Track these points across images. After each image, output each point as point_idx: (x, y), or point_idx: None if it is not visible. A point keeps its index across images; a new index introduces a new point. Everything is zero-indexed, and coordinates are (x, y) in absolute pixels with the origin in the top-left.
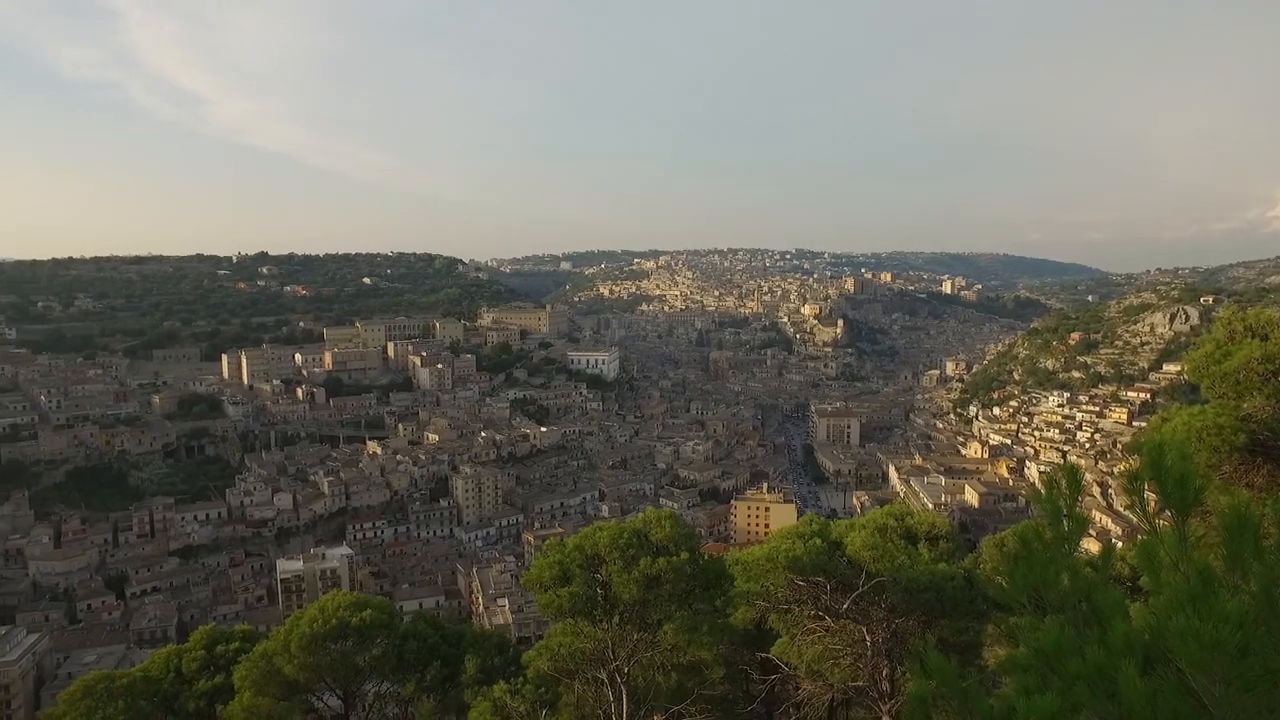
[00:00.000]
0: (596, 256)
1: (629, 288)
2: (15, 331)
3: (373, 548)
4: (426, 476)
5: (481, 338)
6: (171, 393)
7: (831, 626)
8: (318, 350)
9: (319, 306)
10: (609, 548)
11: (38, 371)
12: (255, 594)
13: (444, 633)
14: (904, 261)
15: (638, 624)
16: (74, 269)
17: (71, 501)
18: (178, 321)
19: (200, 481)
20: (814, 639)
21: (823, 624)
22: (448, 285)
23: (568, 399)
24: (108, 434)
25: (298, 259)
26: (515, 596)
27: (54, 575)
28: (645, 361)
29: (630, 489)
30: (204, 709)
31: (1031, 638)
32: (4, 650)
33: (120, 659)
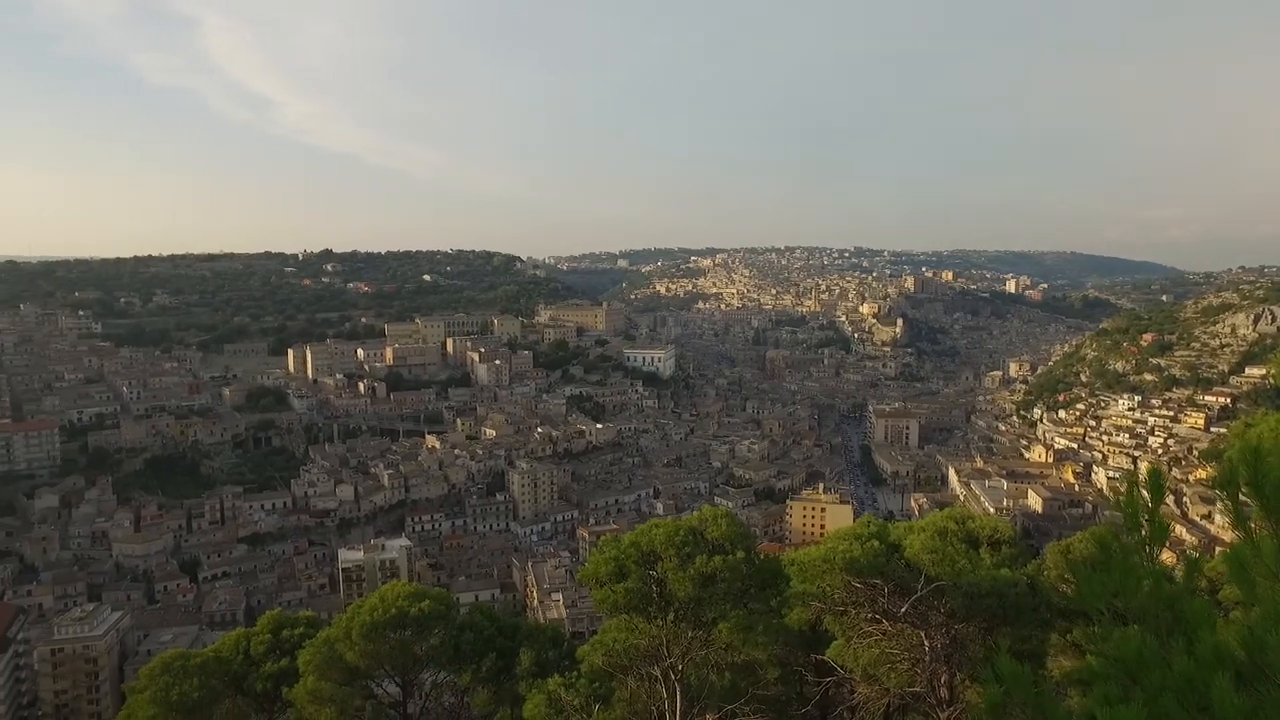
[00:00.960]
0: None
1: (685, 286)
2: (101, 326)
3: (430, 540)
4: (483, 471)
5: (539, 334)
6: (241, 386)
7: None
8: (379, 346)
9: (380, 303)
10: (665, 545)
11: (120, 364)
12: (318, 582)
13: (500, 625)
14: (966, 260)
15: (692, 622)
16: (153, 266)
17: (150, 488)
18: (247, 317)
19: (267, 472)
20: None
21: (880, 627)
22: (506, 282)
23: (623, 396)
24: (182, 424)
25: (360, 256)
26: (569, 591)
27: (134, 557)
28: (701, 360)
29: (685, 487)
30: (270, 690)
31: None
32: (93, 625)
33: (194, 639)
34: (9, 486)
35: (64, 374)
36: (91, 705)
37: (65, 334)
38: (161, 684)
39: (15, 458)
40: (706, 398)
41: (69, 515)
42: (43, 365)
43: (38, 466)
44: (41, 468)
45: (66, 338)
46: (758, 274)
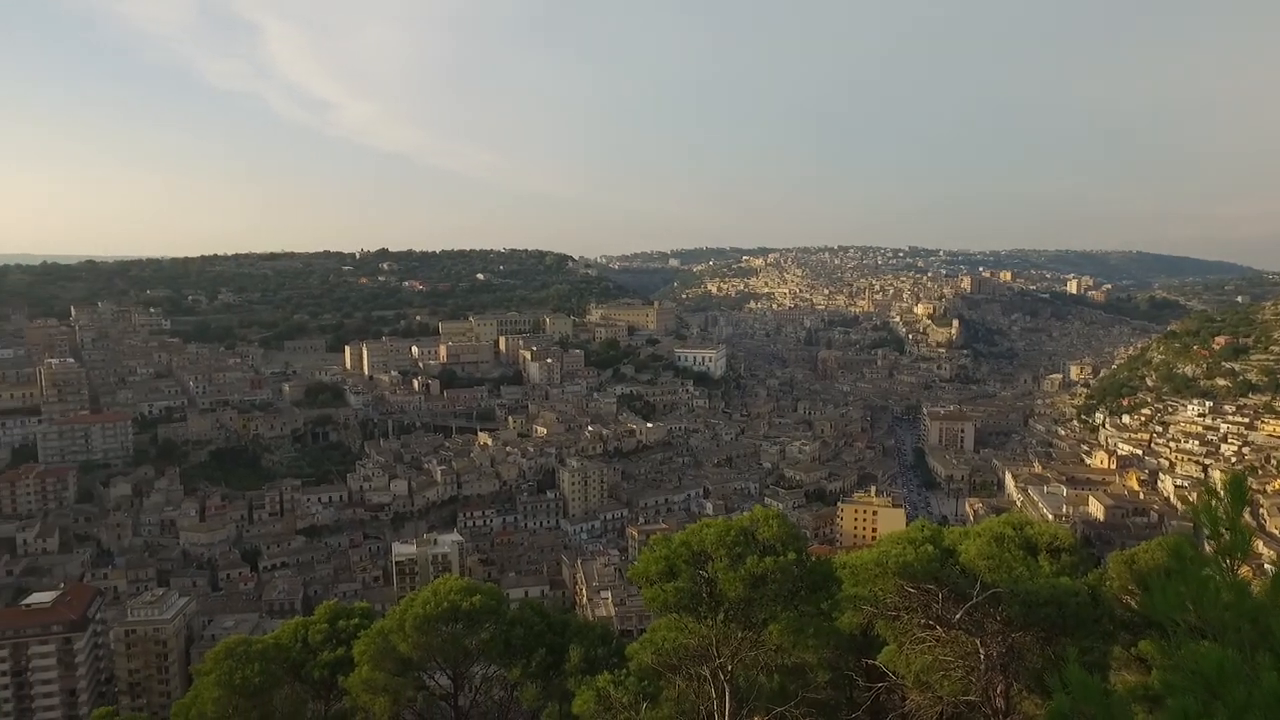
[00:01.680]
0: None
1: (737, 285)
2: (170, 323)
3: (482, 535)
4: (534, 468)
5: (590, 333)
6: (300, 381)
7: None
8: (433, 343)
9: (435, 301)
10: (716, 545)
11: (187, 359)
12: (372, 574)
13: (549, 621)
14: (1025, 260)
15: (742, 622)
16: (218, 265)
17: (214, 479)
18: (306, 314)
19: (324, 465)
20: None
21: (933, 633)
22: (558, 281)
23: (674, 396)
24: (245, 418)
25: (416, 255)
26: (618, 589)
27: (199, 546)
28: (752, 360)
29: (735, 487)
30: (327, 678)
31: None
32: (162, 610)
33: (254, 626)
34: (88, 475)
35: (136, 368)
36: (162, 685)
37: (138, 330)
38: (225, 668)
39: (93, 447)
40: (757, 398)
41: (140, 504)
42: (117, 360)
43: (113, 456)
44: (116, 457)
45: (139, 334)
46: (810, 274)
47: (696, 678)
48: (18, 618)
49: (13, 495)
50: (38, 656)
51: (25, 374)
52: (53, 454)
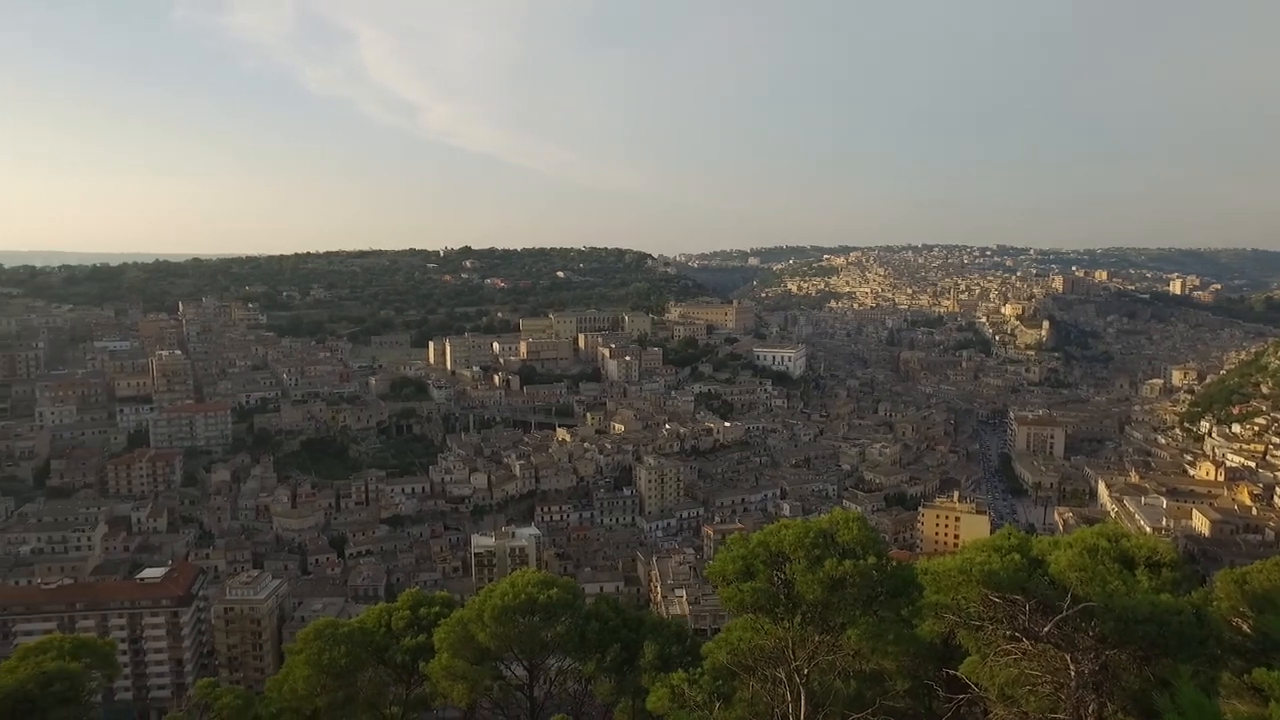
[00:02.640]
0: (785, 252)
1: (817, 284)
2: (266, 317)
3: (558, 530)
4: (611, 465)
5: (668, 331)
6: (385, 375)
7: (1029, 650)
8: (514, 340)
9: (516, 298)
10: (794, 546)
11: (281, 352)
12: (451, 564)
13: (624, 617)
14: (1124, 258)
15: (820, 625)
16: (311, 263)
17: (304, 468)
18: (392, 310)
19: (408, 458)
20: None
21: (1019, 646)
22: (637, 279)
23: (752, 395)
24: (334, 410)
25: (497, 253)
26: (693, 588)
27: (291, 531)
28: (832, 360)
29: (813, 489)
30: (408, 663)
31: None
32: (257, 590)
33: (340, 610)
34: (192, 460)
35: (235, 361)
36: (256, 660)
37: (237, 324)
38: (315, 648)
39: (197, 435)
40: (837, 398)
41: (238, 489)
42: (219, 352)
43: (214, 443)
44: (217, 445)
45: (238, 328)
46: (893, 273)
47: (771, 679)
48: (134, 590)
49: (129, 477)
50: (150, 627)
51: (139, 365)
52: (162, 440)
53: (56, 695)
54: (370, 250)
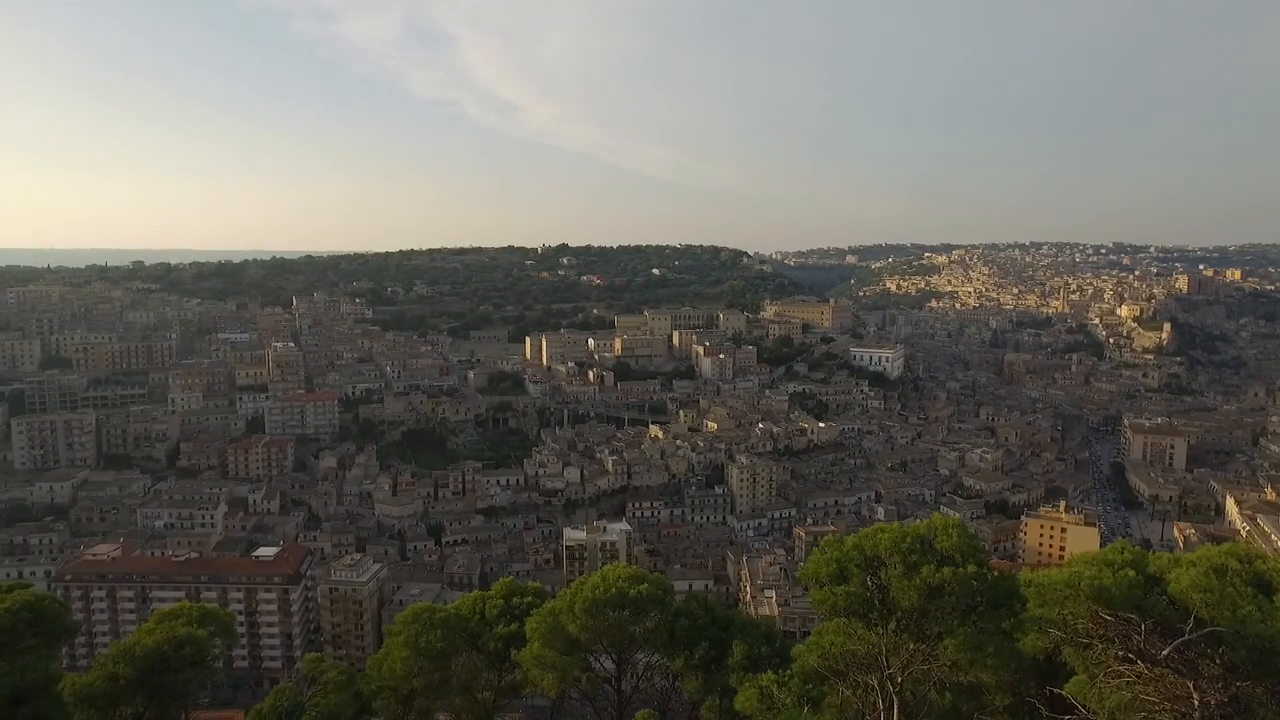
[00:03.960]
0: (884, 250)
1: (917, 283)
2: (371, 312)
3: (649, 526)
4: (703, 463)
5: (763, 330)
6: (483, 369)
7: (1144, 674)
8: (609, 336)
9: (611, 295)
10: (890, 551)
11: (385, 346)
12: (543, 556)
13: (714, 615)
14: (1261, 255)
15: (915, 633)
16: (414, 260)
17: (405, 457)
18: (490, 306)
19: (503, 450)
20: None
21: (1133, 669)
22: (732, 277)
23: (848, 395)
24: (433, 402)
25: (594, 250)
26: (783, 589)
27: (391, 518)
28: (932, 361)
29: (909, 493)
30: (500, 650)
31: None
32: (359, 572)
33: (436, 595)
34: (302, 447)
35: (343, 353)
36: (358, 639)
37: (345, 318)
38: (413, 631)
39: (307, 423)
40: (936, 401)
41: (343, 476)
42: (328, 345)
43: (322, 431)
44: (324, 433)
45: (345, 322)
46: (998, 272)
47: (863, 686)
48: (250, 567)
49: (246, 461)
50: (263, 602)
51: (257, 355)
52: (276, 427)
53: (186, 658)
54: (470, 248)
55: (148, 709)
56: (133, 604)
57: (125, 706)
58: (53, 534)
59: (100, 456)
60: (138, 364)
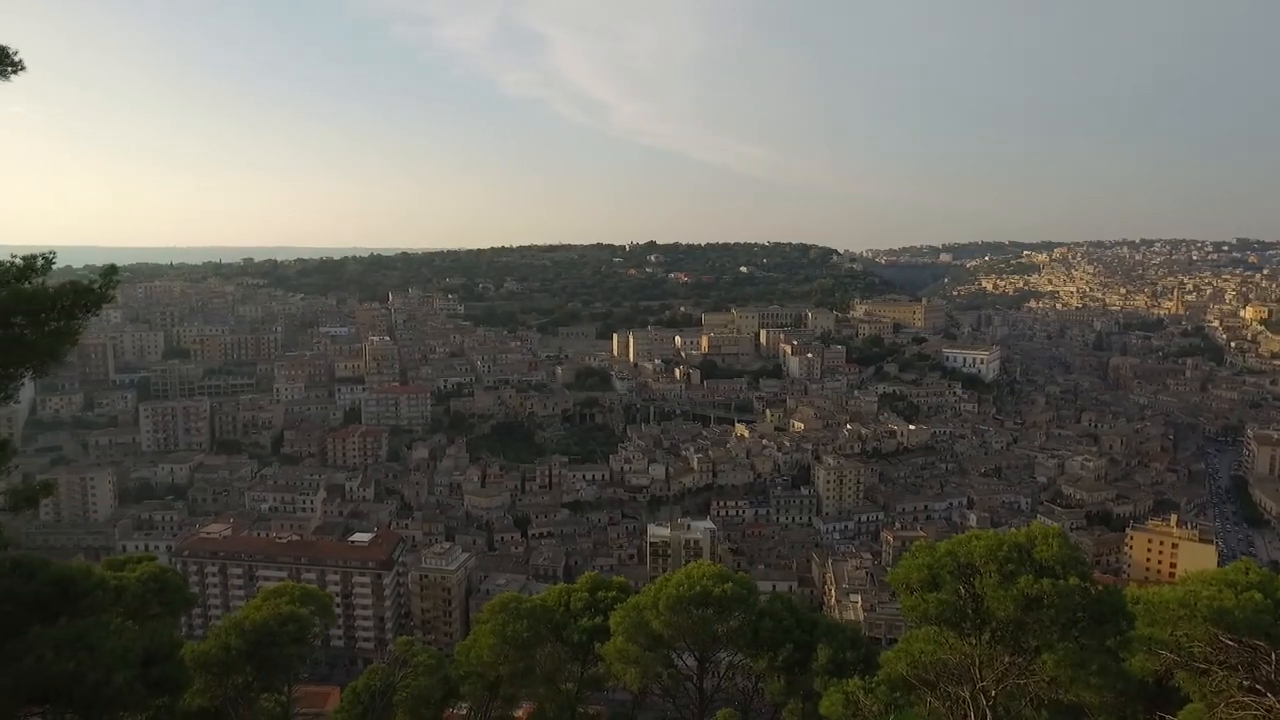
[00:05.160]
0: (980, 248)
1: (1015, 282)
2: (463, 307)
3: (733, 525)
4: (789, 463)
5: (852, 329)
6: (571, 365)
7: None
8: (696, 334)
9: (698, 293)
10: (985, 558)
11: (476, 341)
12: (627, 552)
13: (799, 617)
14: None
15: (1011, 646)
16: (504, 256)
17: (493, 450)
18: (579, 303)
19: (589, 445)
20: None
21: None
22: (821, 275)
23: (940, 398)
24: (522, 397)
25: (681, 248)
26: (869, 594)
27: (479, 509)
28: (1030, 363)
29: (1003, 501)
30: (584, 642)
31: None
32: (448, 561)
33: (522, 586)
34: (396, 438)
35: (435, 348)
36: (446, 625)
37: (438, 314)
38: (500, 620)
39: (401, 415)
40: (1034, 405)
41: (434, 466)
42: (421, 340)
43: (415, 423)
44: (417, 424)
45: (438, 317)
46: (1103, 270)
47: (953, 698)
48: (346, 551)
49: (344, 449)
50: (358, 585)
51: (355, 348)
52: (372, 417)
53: (290, 634)
54: (559, 245)
55: (256, 679)
56: (241, 580)
57: (236, 675)
58: (173, 511)
59: (213, 441)
60: (247, 355)
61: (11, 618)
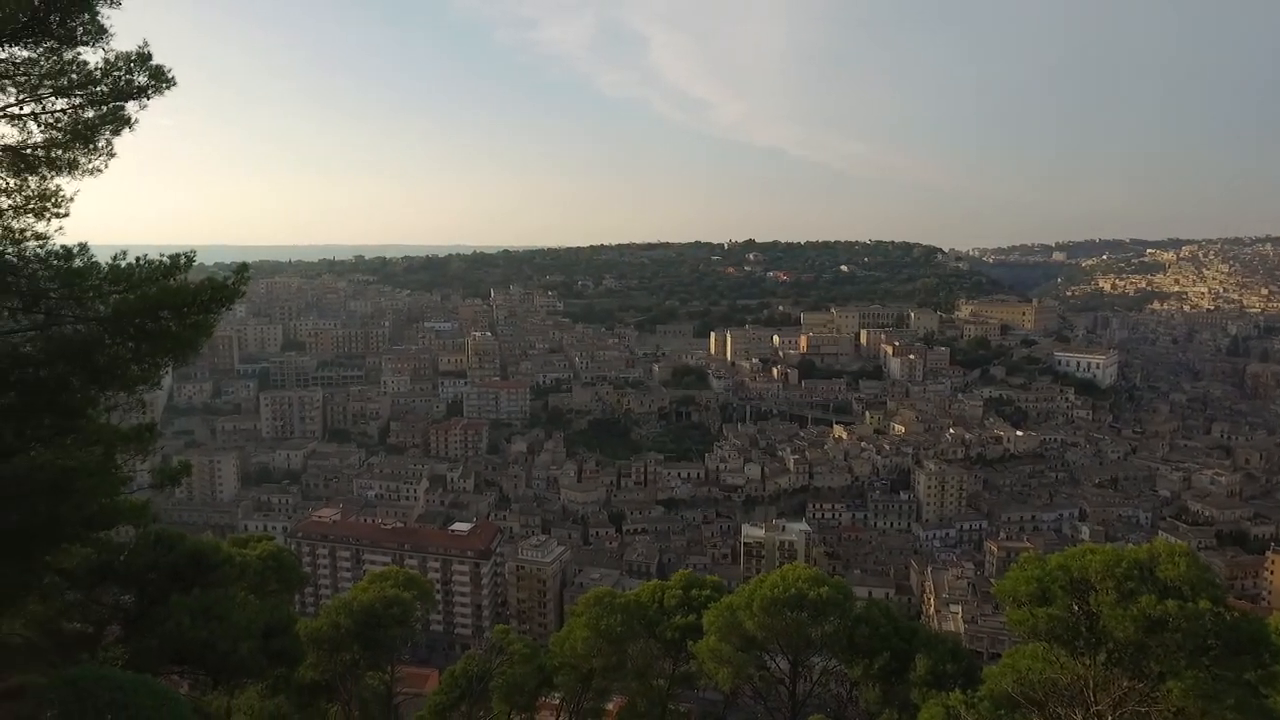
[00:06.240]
0: (1097, 246)
1: (1137, 282)
2: (563, 304)
3: (829, 528)
4: (889, 467)
5: (957, 330)
6: (668, 363)
7: None
8: (794, 333)
9: (797, 291)
10: (1102, 574)
11: (575, 338)
12: (721, 551)
13: (896, 625)
14: None
15: (1131, 669)
16: (603, 254)
17: (590, 446)
18: (676, 301)
19: (685, 443)
20: None
21: None
22: (925, 274)
23: (1050, 403)
24: (619, 393)
25: (780, 246)
26: (970, 605)
27: (575, 503)
28: (1153, 369)
29: (1119, 514)
30: (677, 640)
31: None
32: (544, 553)
33: (615, 581)
34: (495, 431)
35: (535, 344)
36: (541, 616)
37: (537, 310)
38: (594, 614)
39: (500, 409)
40: (1157, 414)
41: (532, 460)
42: (521, 336)
43: (514, 417)
44: (516, 419)
45: (538, 314)
46: (1241, 269)
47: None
48: (446, 540)
49: (445, 441)
50: (457, 573)
51: (458, 343)
52: (473, 411)
53: (394, 616)
54: (658, 243)
55: (362, 657)
56: (349, 563)
57: (345, 652)
58: (289, 495)
59: (325, 430)
60: (356, 348)
61: (155, 585)
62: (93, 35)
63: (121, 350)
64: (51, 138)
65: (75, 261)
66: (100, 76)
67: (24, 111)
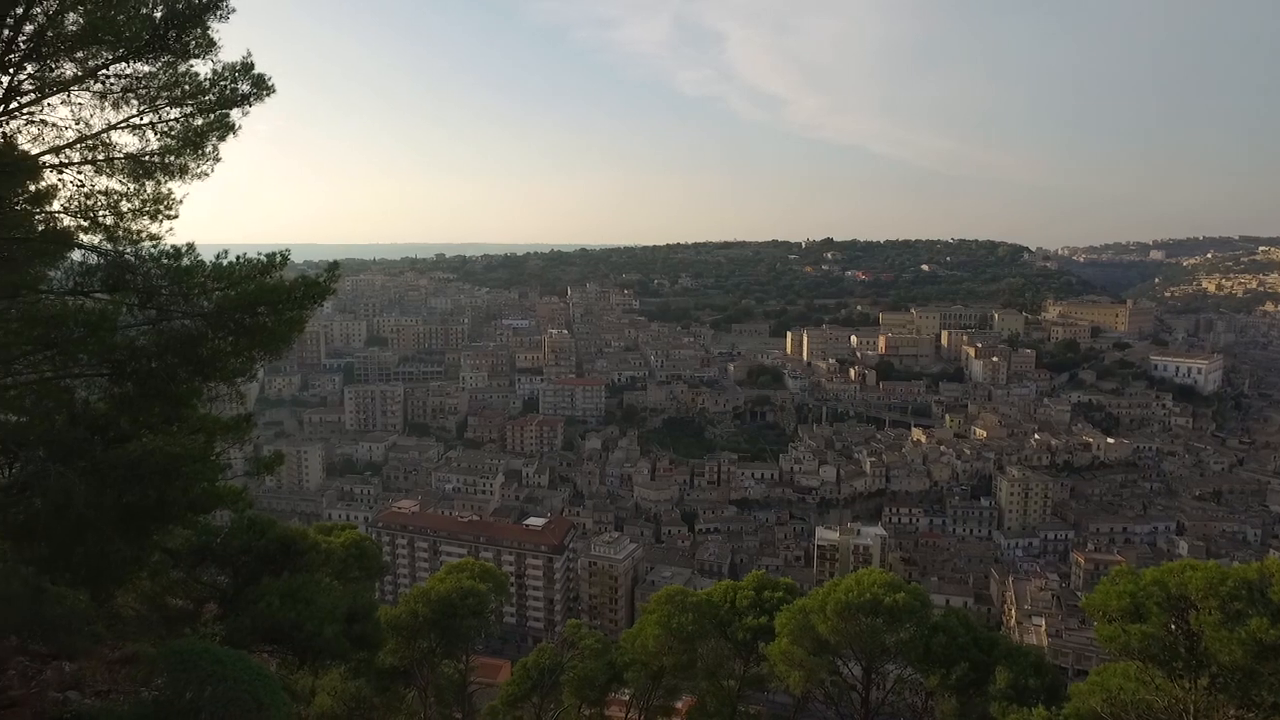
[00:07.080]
0: (1201, 244)
1: (1246, 282)
2: (639, 303)
3: (905, 533)
4: (969, 472)
5: (1044, 332)
6: (743, 362)
7: None
8: (873, 333)
9: (876, 291)
10: (1203, 593)
11: (650, 336)
12: (794, 553)
13: (975, 635)
14: None
15: (1238, 698)
16: (679, 253)
17: (664, 444)
18: (752, 300)
19: (759, 444)
20: None
21: None
22: (1010, 274)
23: (1145, 410)
24: (693, 392)
25: (859, 245)
26: (1054, 618)
27: (648, 501)
28: (1264, 375)
29: (1222, 529)
30: (748, 641)
31: None
32: (616, 550)
33: (687, 580)
34: (570, 428)
35: (610, 342)
36: (612, 612)
37: (613, 308)
38: (665, 612)
39: (576, 406)
40: (1268, 423)
41: (606, 457)
42: (597, 334)
43: (589, 414)
44: (591, 416)
45: (614, 311)
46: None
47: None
48: (521, 534)
49: (521, 437)
50: (531, 567)
51: (535, 341)
52: (549, 407)
53: (469, 607)
54: (734, 241)
55: (439, 645)
56: (426, 554)
57: (422, 640)
58: (370, 486)
59: (405, 423)
60: (436, 344)
61: (248, 568)
62: (203, 48)
63: (222, 344)
64: (166, 145)
65: (183, 260)
66: (209, 86)
67: (143, 121)
